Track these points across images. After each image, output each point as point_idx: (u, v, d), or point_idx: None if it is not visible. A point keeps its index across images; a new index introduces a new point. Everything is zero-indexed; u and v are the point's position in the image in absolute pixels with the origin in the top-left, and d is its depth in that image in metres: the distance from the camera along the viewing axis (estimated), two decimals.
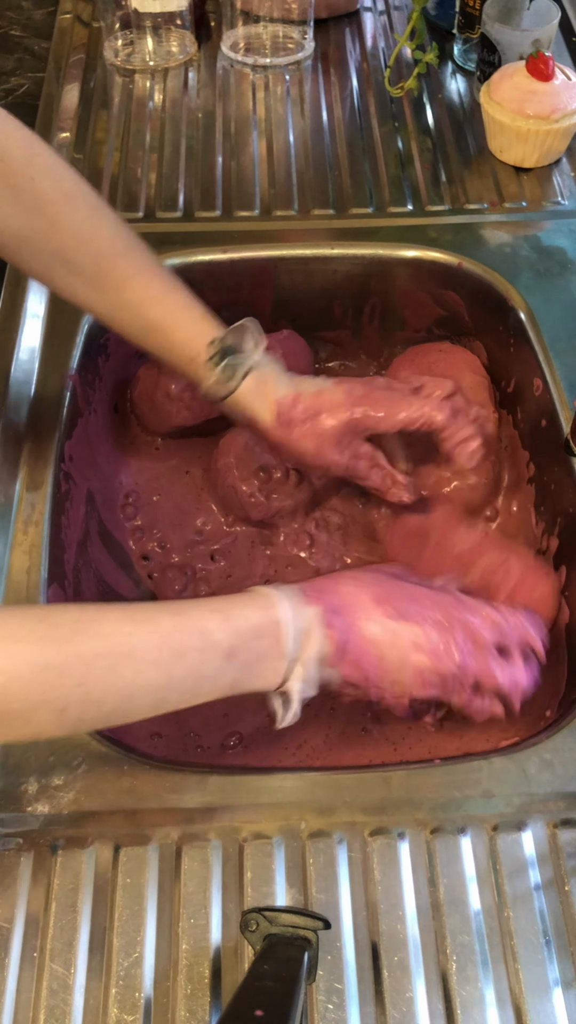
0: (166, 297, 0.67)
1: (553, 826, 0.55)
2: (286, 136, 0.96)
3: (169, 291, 0.68)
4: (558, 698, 0.67)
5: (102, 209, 0.65)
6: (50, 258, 0.65)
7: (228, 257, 0.86)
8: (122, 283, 0.66)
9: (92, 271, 0.65)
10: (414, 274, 0.87)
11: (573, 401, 0.74)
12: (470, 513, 0.85)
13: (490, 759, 0.58)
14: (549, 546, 0.75)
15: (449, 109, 0.99)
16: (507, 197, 0.90)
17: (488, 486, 0.84)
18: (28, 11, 1.15)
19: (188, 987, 0.50)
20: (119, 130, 0.97)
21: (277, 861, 0.54)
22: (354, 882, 0.53)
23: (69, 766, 0.57)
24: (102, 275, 0.66)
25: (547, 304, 0.81)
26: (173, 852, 0.54)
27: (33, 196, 0.62)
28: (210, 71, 1.04)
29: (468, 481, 0.83)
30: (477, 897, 0.52)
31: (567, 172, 0.93)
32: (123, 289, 0.66)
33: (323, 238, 0.87)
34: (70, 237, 0.64)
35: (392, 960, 0.50)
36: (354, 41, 1.08)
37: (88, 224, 0.64)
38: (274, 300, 0.90)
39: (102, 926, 0.52)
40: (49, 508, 0.69)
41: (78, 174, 0.65)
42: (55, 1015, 0.49)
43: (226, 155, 0.94)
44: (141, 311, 0.67)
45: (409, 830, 0.55)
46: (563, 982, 0.50)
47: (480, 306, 0.86)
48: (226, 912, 0.52)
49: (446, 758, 0.67)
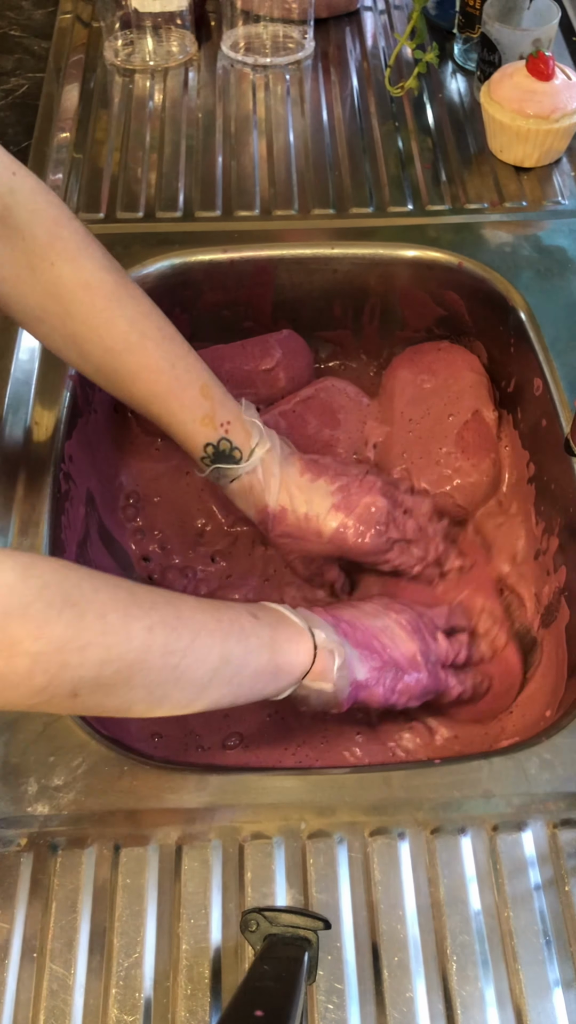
0: (170, 396, 0.68)
1: (553, 826, 0.55)
2: (286, 136, 0.96)
3: (174, 389, 0.68)
4: (558, 698, 0.67)
5: (121, 300, 0.64)
6: (63, 341, 0.65)
7: (228, 257, 0.86)
8: (130, 378, 0.67)
9: (101, 363, 0.66)
10: (414, 274, 0.87)
11: (573, 401, 0.74)
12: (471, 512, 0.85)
13: (490, 759, 0.58)
14: (549, 546, 0.75)
15: (449, 109, 0.99)
16: (507, 197, 0.90)
17: (488, 485, 0.84)
18: (28, 11, 1.15)
19: (188, 987, 0.50)
20: (119, 130, 0.97)
21: (277, 861, 0.54)
22: (354, 882, 0.53)
23: (69, 766, 0.57)
24: (111, 369, 0.66)
25: (547, 304, 0.81)
26: (173, 852, 0.54)
27: (51, 280, 0.62)
28: (210, 71, 1.04)
29: (469, 479, 0.83)
30: (477, 897, 0.52)
31: (567, 172, 0.93)
32: (132, 382, 0.67)
33: (323, 238, 0.87)
34: (83, 326, 0.64)
35: (392, 960, 0.50)
36: (354, 41, 1.08)
37: (103, 316, 0.64)
38: (274, 300, 0.90)
39: (102, 926, 0.52)
40: (49, 508, 0.69)
41: (103, 255, 0.64)
42: (55, 1015, 0.49)
43: (226, 155, 0.94)
44: (146, 406, 0.69)
45: (409, 830, 0.55)
46: (563, 982, 0.50)
47: (480, 306, 0.86)
48: (226, 912, 0.52)
49: (446, 758, 0.67)
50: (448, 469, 0.83)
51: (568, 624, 0.70)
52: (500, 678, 0.74)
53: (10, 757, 0.57)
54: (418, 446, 0.84)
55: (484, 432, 0.84)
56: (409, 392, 0.88)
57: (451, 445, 0.83)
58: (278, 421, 0.87)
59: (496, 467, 0.84)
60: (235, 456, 0.71)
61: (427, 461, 0.83)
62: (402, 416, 0.87)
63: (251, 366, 0.88)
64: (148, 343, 0.66)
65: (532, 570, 0.79)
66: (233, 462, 0.71)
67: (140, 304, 0.66)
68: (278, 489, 0.72)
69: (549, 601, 0.74)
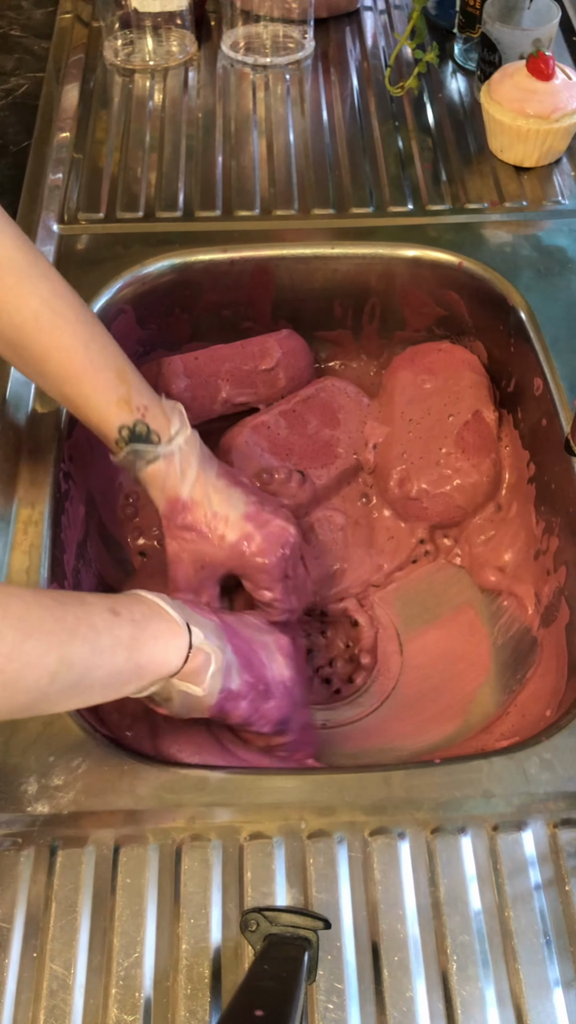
0: (83, 377, 0.66)
1: (553, 826, 0.55)
2: (286, 135, 0.96)
3: (88, 370, 0.66)
4: (558, 698, 0.67)
5: (32, 278, 0.63)
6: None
7: (228, 257, 0.86)
8: (42, 357, 0.65)
9: (12, 340, 0.64)
10: (414, 274, 0.87)
11: (573, 401, 0.74)
12: (471, 511, 0.85)
13: (490, 759, 0.58)
14: (549, 546, 0.75)
15: (449, 108, 0.99)
16: (507, 197, 0.90)
17: (488, 486, 0.84)
18: (28, 11, 1.15)
19: (188, 987, 0.50)
20: (119, 130, 0.97)
21: (277, 861, 0.54)
22: (354, 882, 0.53)
23: (69, 766, 0.57)
24: (22, 347, 0.65)
25: (547, 304, 0.81)
26: (173, 852, 0.54)
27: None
28: (210, 71, 1.04)
29: (469, 480, 0.83)
30: (477, 897, 0.52)
31: (567, 172, 0.93)
32: (43, 362, 0.65)
33: (323, 237, 0.87)
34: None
35: (392, 960, 0.50)
36: (354, 40, 1.08)
37: (12, 294, 0.63)
38: (274, 300, 0.90)
39: (102, 926, 0.52)
40: (49, 508, 0.69)
41: (16, 233, 0.63)
42: (55, 1015, 0.49)
43: (226, 155, 0.94)
44: (59, 386, 0.67)
45: (409, 830, 0.55)
46: (563, 982, 0.50)
47: (480, 306, 0.86)
48: (226, 912, 0.52)
49: (446, 758, 0.67)
50: (448, 469, 0.83)
51: (568, 624, 0.70)
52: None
53: (10, 757, 0.57)
54: (418, 446, 0.84)
55: (484, 432, 0.84)
56: (409, 392, 0.88)
57: (451, 445, 0.83)
58: (278, 421, 0.87)
59: (496, 468, 0.84)
60: (153, 440, 0.68)
61: (427, 461, 0.83)
62: (402, 416, 0.87)
63: (251, 366, 0.88)
64: (60, 322, 0.65)
65: (532, 570, 0.79)
66: (151, 444, 0.68)
67: (54, 284, 0.65)
68: (193, 481, 0.70)
69: (549, 601, 0.74)
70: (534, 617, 0.77)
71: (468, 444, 0.83)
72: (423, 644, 0.84)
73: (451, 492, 0.83)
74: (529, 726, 0.70)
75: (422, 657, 0.83)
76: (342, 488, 0.89)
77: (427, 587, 0.87)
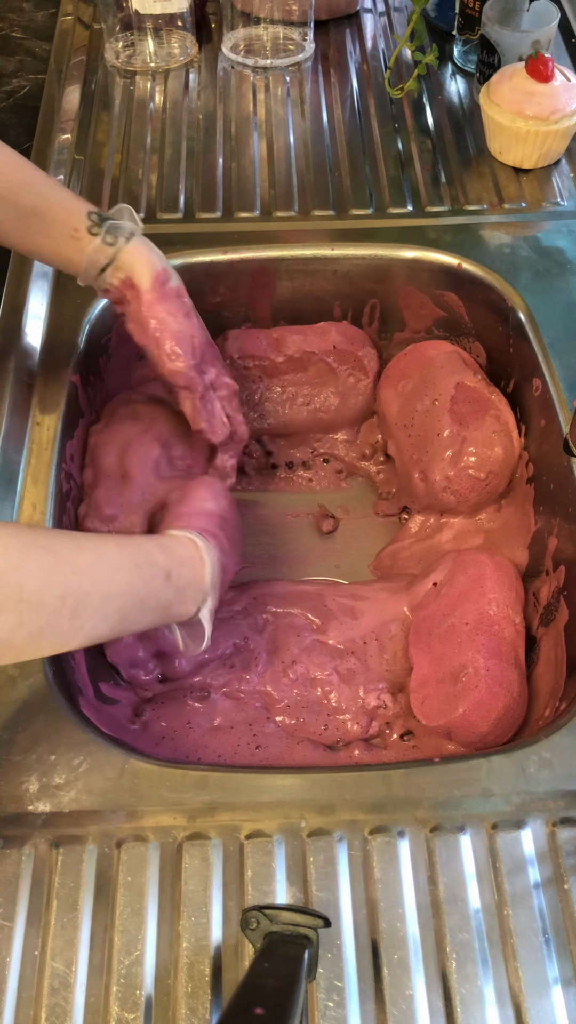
0: (36, 182, 0.69)
1: (552, 824, 0.55)
2: (286, 137, 0.97)
3: (38, 178, 0.69)
4: (557, 698, 0.68)
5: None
6: None
7: (228, 258, 0.86)
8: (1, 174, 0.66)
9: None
10: (414, 275, 0.87)
11: (573, 401, 0.74)
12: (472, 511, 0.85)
13: (489, 758, 0.58)
14: (549, 546, 0.76)
15: (449, 110, 0.99)
16: (507, 198, 0.90)
17: (502, 436, 0.82)
18: (29, 13, 1.16)
19: (189, 985, 0.50)
20: (120, 131, 0.97)
21: (277, 859, 0.54)
22: (354, 880, 0.53)
23: (70, 765, 0.57)
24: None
25: (547, 304, 0.81)
26: (174, 850, 0.54)
27: None
28: (211, 72, 1.04)
29: (481, 446, 0.81)
30: (477, 895, 0.53)
31: (566, 173, 0.93)
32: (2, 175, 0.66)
33: (323, 239, 0.87)
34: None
35: (392, 958, 0.51)
36: (354, 42, 1.08)
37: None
38: (274, 300, 0.90)
39: (103, 924, 0.52)
40: (50, 508, 0.70)
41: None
42: (56, 1013, 0.49)
43: (227, 156, 0.95)
44: (14, 198, 0.67)
45: (409, 828, 0.55)
46: (562, 980, 0.50)
47: (480, 306, 0.86)
48: (226, 910, 0.52)
49: (445, 757, 0.68)
50: (456, 446, 0.82)
51: (567, 623, 0.70)
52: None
53: (11, 755, 0.57)
54: (421, 445, 0.85)
55: (473, 396, 0.83)
56: (396, 404, 0.88)
57: (448, 424, 0.82)
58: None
59: (500, 421, 0.82)
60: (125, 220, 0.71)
61: (435, 453, 0.82)
62: (398, 427, 0.87)
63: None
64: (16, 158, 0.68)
65: (532, 570, 0.79)
66: (125, 222, 0.71)
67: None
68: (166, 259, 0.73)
69: (548, 601, 0.74)
70: (533, 616, 0.77)
71: (463, 414, 0.82)
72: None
73: (473, 466, 0.81)
74: (528, 725, 0.70)
75: None
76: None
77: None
